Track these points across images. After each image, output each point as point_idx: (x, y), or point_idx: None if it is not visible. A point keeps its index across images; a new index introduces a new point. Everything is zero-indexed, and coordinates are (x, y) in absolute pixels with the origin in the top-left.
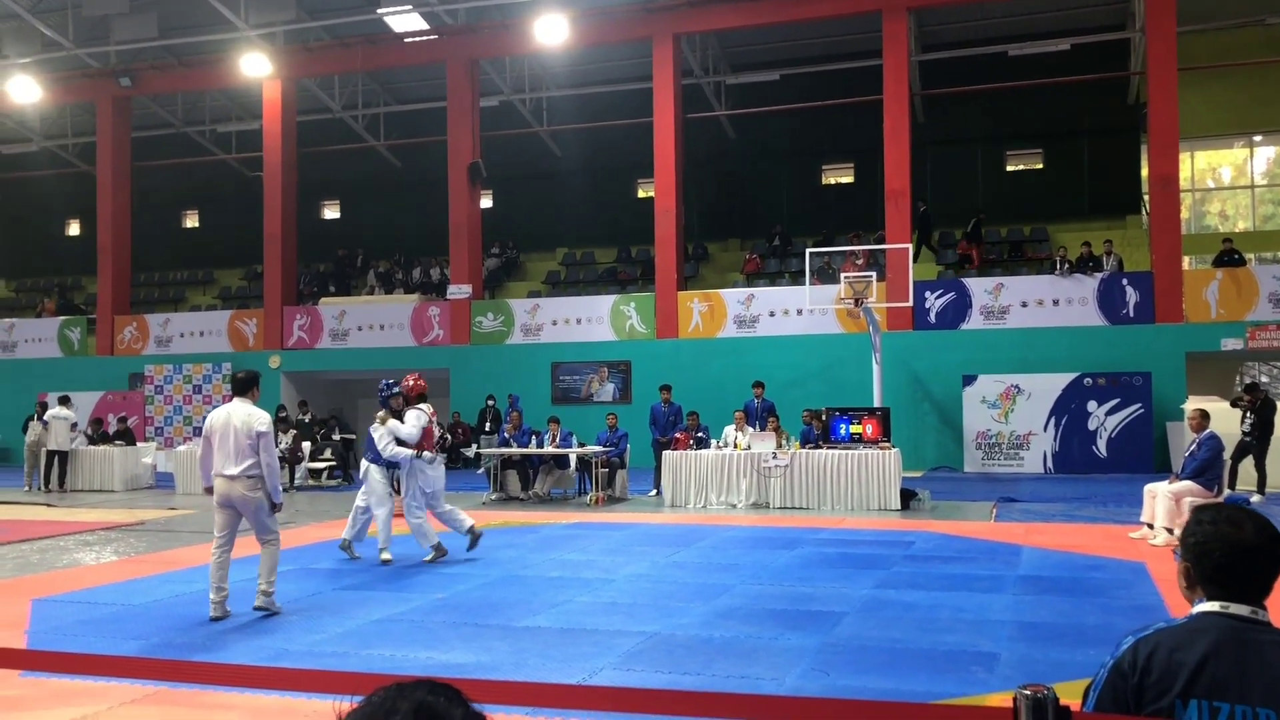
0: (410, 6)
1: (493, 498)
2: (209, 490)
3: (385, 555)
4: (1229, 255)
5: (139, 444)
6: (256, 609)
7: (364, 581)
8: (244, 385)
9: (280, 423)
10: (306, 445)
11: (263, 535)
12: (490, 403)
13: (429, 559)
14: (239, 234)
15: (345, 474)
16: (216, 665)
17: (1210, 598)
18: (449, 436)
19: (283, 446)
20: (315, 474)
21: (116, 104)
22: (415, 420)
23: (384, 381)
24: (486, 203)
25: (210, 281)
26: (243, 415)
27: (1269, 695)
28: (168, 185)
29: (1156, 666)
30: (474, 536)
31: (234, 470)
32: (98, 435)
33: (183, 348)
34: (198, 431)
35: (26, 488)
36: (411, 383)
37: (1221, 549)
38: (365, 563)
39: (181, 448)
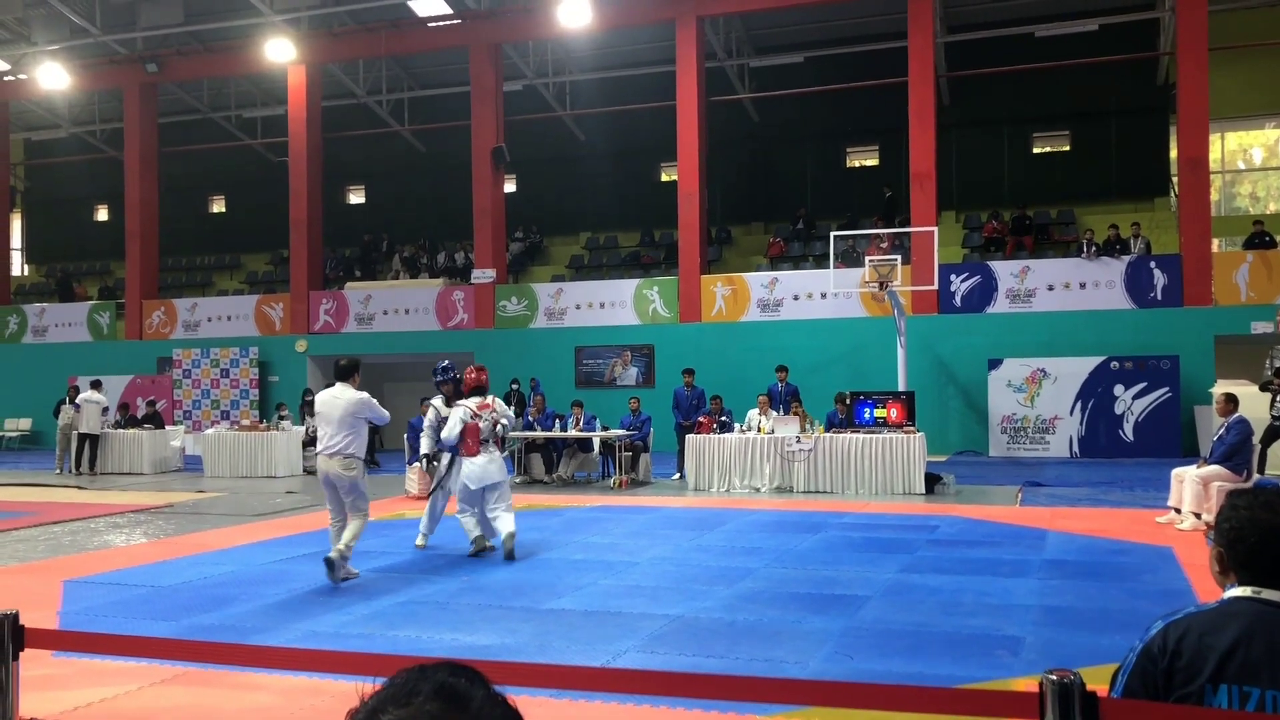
0: None
1: (517, 481)
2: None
3: (420, 540)
4: (1260, 237)
5: (167, 427)
6: (327, 560)
7: (390, 564)
8: (346, 371)
9: (306, 406)
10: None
11: (354, 510)
12: (514, 386)
13: (471, 553)
14: (265, 219)
15: (371, 457)
16: (245, 646)
17: (1243, 583)
18: (504, 424)
19: (308, 430)
20: None
21: (143, 90)
22: (457, 417)
23: (440, 365)
24: (510, 187)
25: (237, 266)
26: (335, 395)
27: None
28: (194, 170)
29: (1187, 650)
30: (479, 548)
31: (332, 449)
32: (126, 419)
33: (210, 332)
34: (225, 415)
35: (58, 470)
36: (472, 375)
37: (1257, 534)
38: (391, 545)
39: (210, 431)
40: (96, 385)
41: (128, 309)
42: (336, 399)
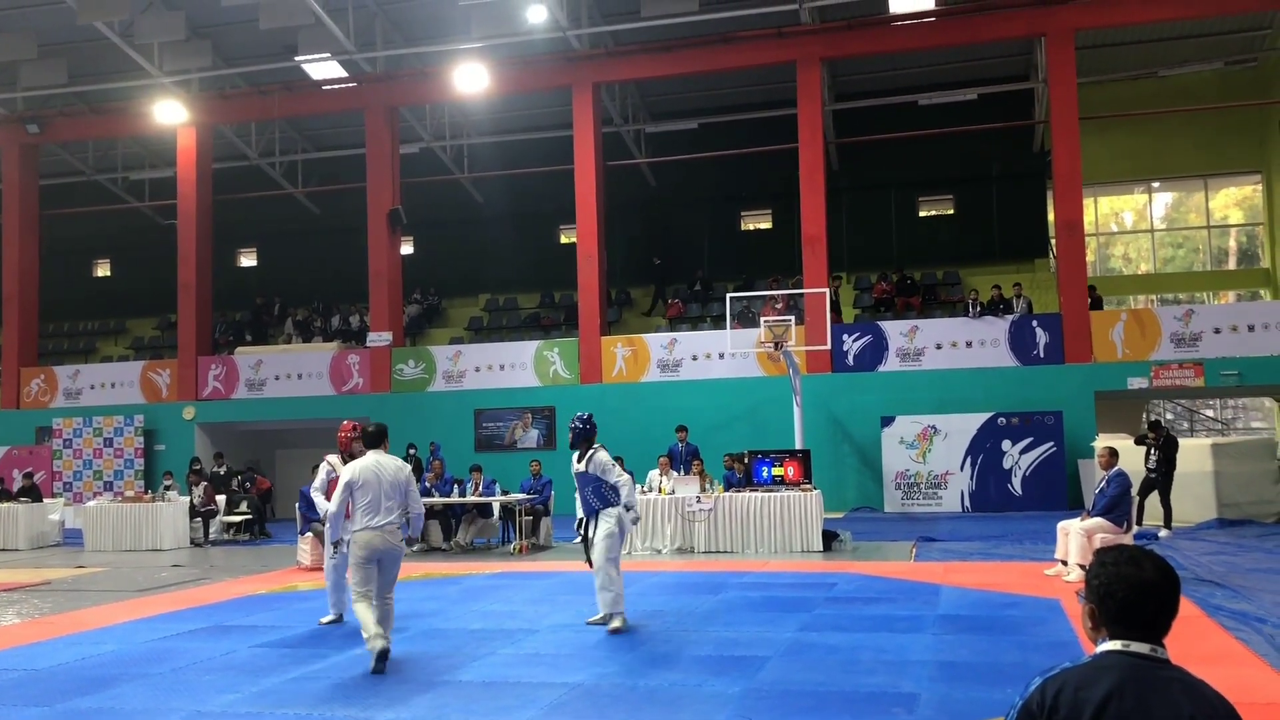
0: (329, 54)
1: (414, 549)
2: (338, 545)
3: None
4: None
5: (46, 500)
6: (383, 652)
7: (280, 639)
8: (378, 438)
9: (194, 475)
10: (221, 498)
11: (390, 589)
12: (412, 452)
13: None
14: (152, 283)
15: (261, 527)
16: None
17: (1114, 637)
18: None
19: (196, 500)
20: (231, 527)
21: (24, 151)
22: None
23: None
24: (407, 249)
25: (122, 331)
26: (392, 466)
27: None
28: (78, 234)
29: (1064, 705)
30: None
31: (384, 520)
32: (1, 493)
33: (93, 400)
34: (108, 486)
35: None
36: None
37: (1124, 589)
38: (282, 619)
39: (91, 503)
40: None
41: (4, 376)
42: (382, 467)
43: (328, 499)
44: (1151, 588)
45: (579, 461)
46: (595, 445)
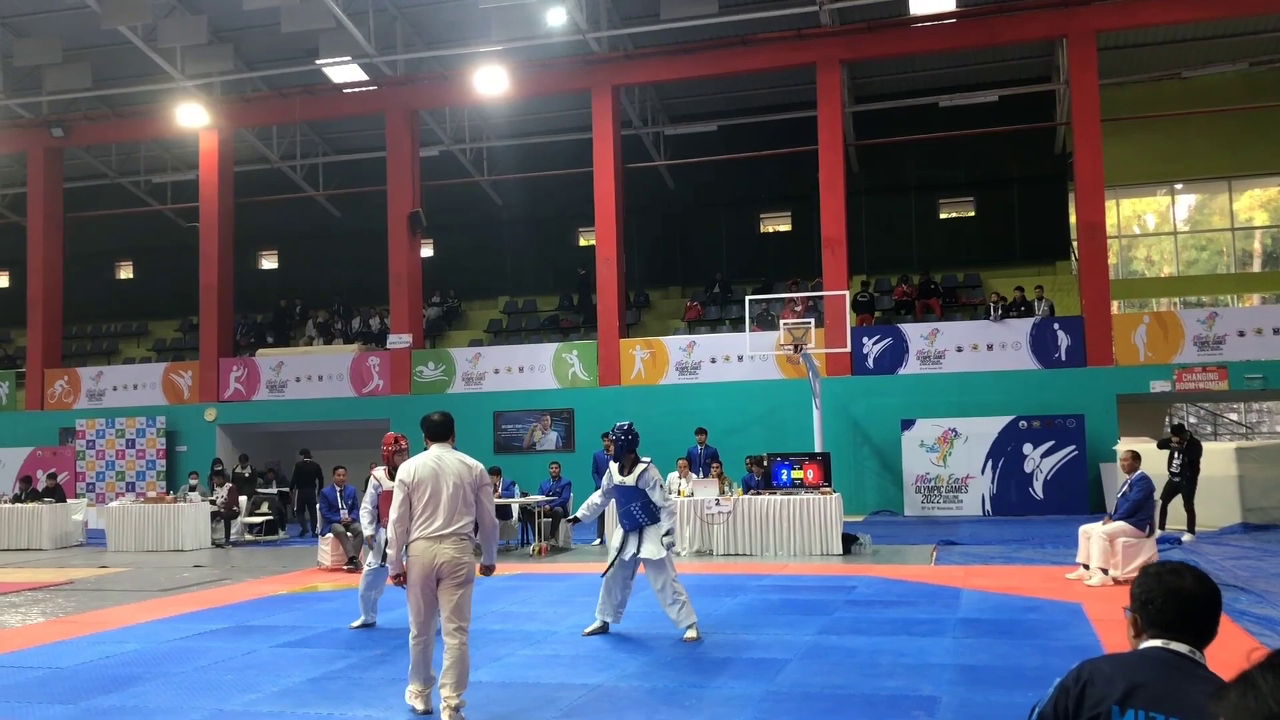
0: (349, 58)
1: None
2: (398, 578)
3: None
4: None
5: (69, 500)
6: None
7: (302, 639)
8: (445, 429)
9: (217, 476)
10: (243, 500)
11: (456, 619)
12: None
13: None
14: (174, 285)
15: (282, 527)
16: None
17: (1154, 638)
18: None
19: (219, 501)
20: (252, 528)
21: (48, 155)
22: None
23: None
24: (427, 252)
25: (144, 333)
26: (456, 463)
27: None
28: (101, 236)
29: (1099, 680)
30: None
31: (447, 529)
32: (27, 493)
33: (116, 401)
34: (131, 487)
35: None
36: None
37: (1163, 595)
38: (303, 619)
39: (114, 503)
40: None
41: (29, 378)
42: (444, 464)
43: (381, 519)
44: (1190, 595)
45: (623, 474)
46: (644, 461)
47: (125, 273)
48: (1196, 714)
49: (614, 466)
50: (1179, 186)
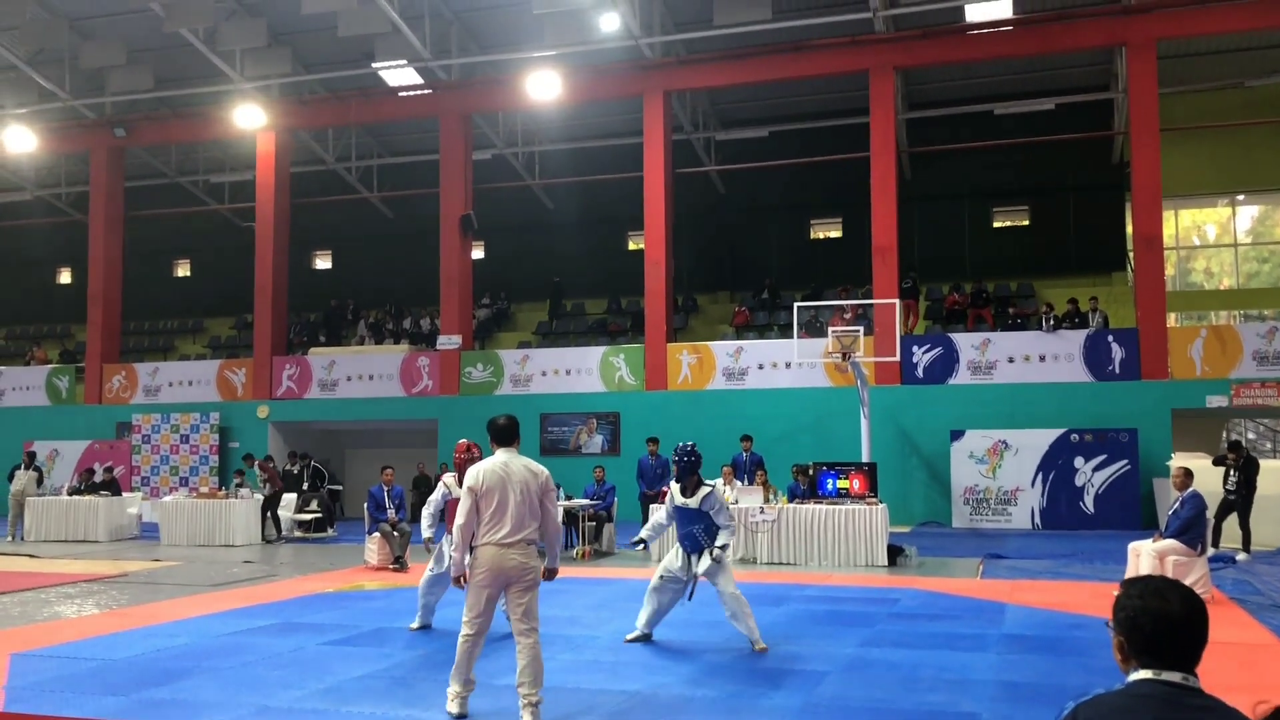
0: (405, 61)
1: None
2: (459, 580)
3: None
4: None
5: (124, 494)
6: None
7: (347, 637)
8: (510, 433)
9: (262, 462)
10: (292, 497)
11: (527, 621)
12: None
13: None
14: (230, 283)
15: (330, 525)
16: None
17: (1144, 666)
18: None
19: (263, 483)
20: (302, 525)
21: (110, 154)
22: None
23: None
24: (478, 254)
25: (200, 330)
26: (522, 469)
27: None
28: (160, 234)
29: None
30: None
31: (515, 536)
32: (86, 485)
33: (171, 397)
34: (184, 482)
35: (10, 537)
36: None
37: (1151, 622)
38: (349, 618)
39: (167, 498)
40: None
41: (88, 373)
42: (510, 470)
43: (446, 522)
44: (1179, 620)
45: (685, 495)
46: (710, 484)
47: (183, 271)
48: None
49: (675, 487)
50: (1240, 197)
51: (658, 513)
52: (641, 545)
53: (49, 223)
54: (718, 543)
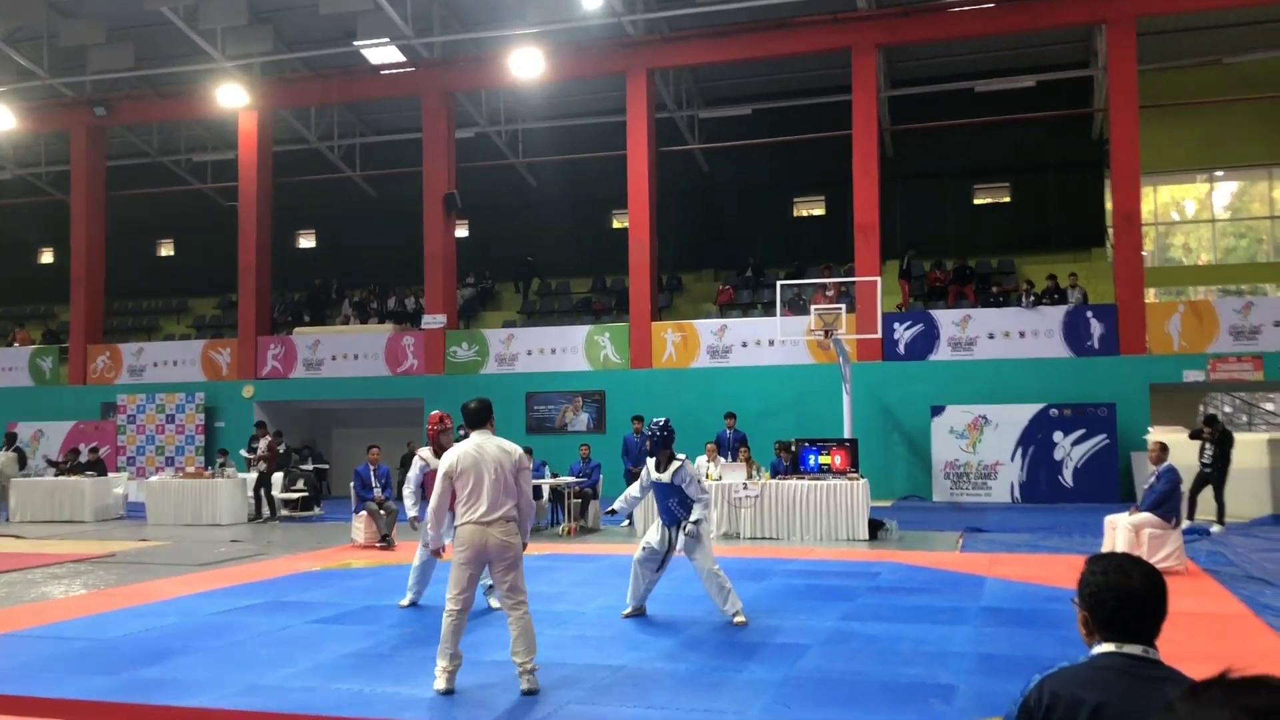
0: (387, 40)
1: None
2: (438, 552)
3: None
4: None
5: (110, 474)
6: (525, 694)
7: (334, 615)
8: (482, 415)
9: (258, 428)
10: (279, 476)
11: (514, 596)
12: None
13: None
14: (214, 263)
15: (317, 504)
16: (179, 709)
17: (1107, 640)
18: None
19: (259, 451)
20: (289, 504)
21: (91, 133)
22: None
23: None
24: (462, 233)
25: (184, 310)
26: (496, 449)
27: None
28: (142, 214)
29: (1061, 704)
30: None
31: (493, 514)
32: (71, 465)
33: (156, 377)
34: (170, 462)
35: None
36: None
37: (1114, 598)
38: (336, 595)
39: (154, 478)
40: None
41: (71, 353)
42: (484, 451)
43: (425, 495)
44: (1140, 595)
45: (659, 470)
46: (680, 458)
47: (166, 250)
48: None
49: (650, 463)
50: (1219, 174)
51: (632, 486)
52: (615, 515)
53: (30, 202)
54: (691, 516)
